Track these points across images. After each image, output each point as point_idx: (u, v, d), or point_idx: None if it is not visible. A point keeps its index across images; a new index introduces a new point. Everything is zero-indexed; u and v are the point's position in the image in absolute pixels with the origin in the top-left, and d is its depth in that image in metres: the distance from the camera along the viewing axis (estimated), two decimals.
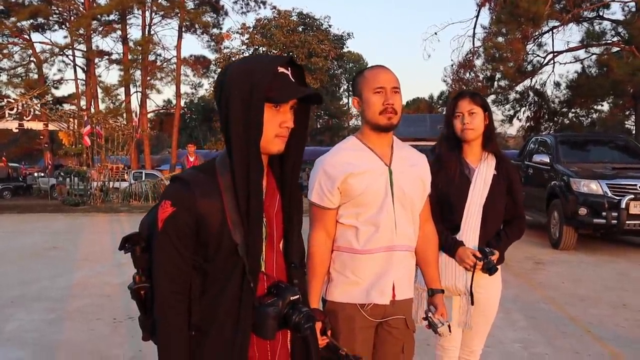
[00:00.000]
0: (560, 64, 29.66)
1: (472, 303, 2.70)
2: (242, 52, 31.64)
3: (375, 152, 2.26)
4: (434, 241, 2.48)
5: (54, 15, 33.49)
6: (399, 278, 2.26)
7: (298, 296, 1.61)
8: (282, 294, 1.59)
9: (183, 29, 33.53)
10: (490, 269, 2.65)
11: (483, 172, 2.71)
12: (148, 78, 33.80)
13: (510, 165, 2.83)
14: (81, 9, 32.33)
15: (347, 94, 51.27)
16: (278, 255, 1.68)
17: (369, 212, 2.21)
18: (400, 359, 2.32)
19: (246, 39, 31.86)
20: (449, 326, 2.38)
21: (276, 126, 1.57)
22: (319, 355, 1.82)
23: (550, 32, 21.92)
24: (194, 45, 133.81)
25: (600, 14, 21.53)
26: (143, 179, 22.32)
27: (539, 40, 22.61)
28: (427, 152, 2.58)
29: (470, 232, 2.69)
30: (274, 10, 32.62)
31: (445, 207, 2.69)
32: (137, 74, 33.83)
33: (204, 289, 1.59)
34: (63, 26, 34.18)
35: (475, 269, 2.65)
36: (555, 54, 22.80)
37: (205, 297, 1.59)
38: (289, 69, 1.59)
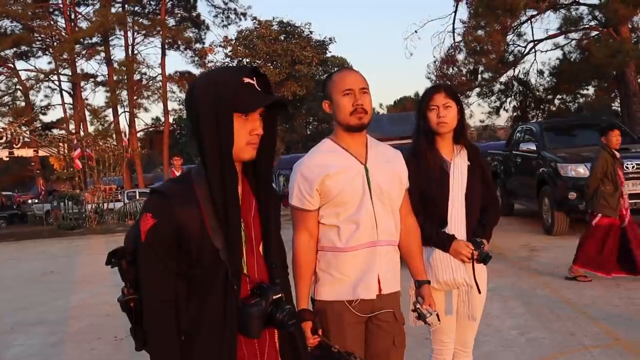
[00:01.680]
0: (542, 52, 29.85)
1: (480, 292, 2.76)
2: (227, 65, 31.70)
3: (350, 152, 2.32)
4: (416, 234, 2.54)
5: (37, 42, 33.44)
6: (383, 272, 2.32)
7: (280, 295, 1.67)
8: (264, 293, 1.65)
9: (166, 46, 33.61)
10: (484, 258, 2.70)
11: (459, 165, 2.76)
12: (135, 97, 33.82)
13: (480, 153, 2.89)
14: (63, 33, 32.34)
15: None
16: (258, 257, 1.75)
17: (349, 210, 2.27)
18: (392, 351, 2.38)
19: (229, 51, 31.93)
20: (437, 315, 2.44)
21: (246, 134, 1.64)
22: (307, 351, 1.88)
23: (529, 21, 22.01)
24: (178, 61, 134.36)
25: None
26: (137, 197, 22.31)
27: (518, 30, 22.68)
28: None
29: (457, 224, 2.73)
30: (254, 21, 32.69)
31: (428, 202, 2.73)
32: (124, 94, 33.81)
33: (190, 294, 1.65)
34: (47, 52, 34.15)
35: (473, 260, 2.69)
36: (535, 42, 22.89)
37: (191, 302, 1.65)
38: (254, 78, 1.66)
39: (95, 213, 19.65)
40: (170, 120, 36.84)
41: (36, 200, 29.74)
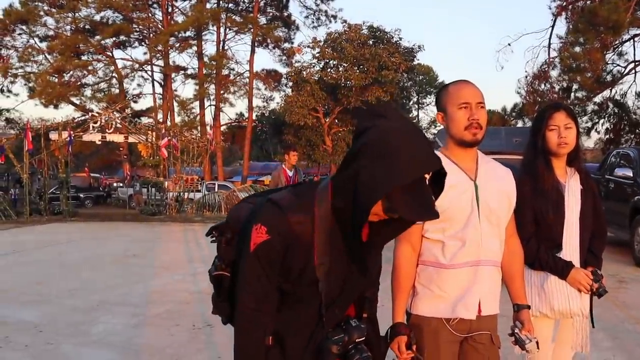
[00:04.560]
0: None
1: (593, 325, 2.67)
2: (313, 66, 32.01)
3: (461, 167, 2.25)
4: (520, 256, 2.44)
5: (135, 33, 34.99)
6: (485, 293, 2.23)
7: (363, 338, 1.68)
8: (350, 331, 1.66)
9: (255, 44, 34.40)
10: (601, 292, 2.59)
11: (573, 188, 2.64)
12: (222, 92, 34.77)
13: (591, 177, 2.76)
14: (160, 26, 33.67)
15: (417, 107, 51.00)
16: None
17: (455, 227, 2.20)
18: None
19: (317, 52, 32.19)
20: (537, 343, 2.33)
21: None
22: None
23: (632, 40, 21.07)
24: (266, 59, 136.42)
25: None
26: (216, 190, 22.91)
27: (619, 49, 21.77)
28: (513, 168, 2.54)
29: (572, 250, 2.62)
30: (344, 24, 32.88)
31: (542, 225, 2.62)
32: (211, 88, 34.85)
33: (281, 306, 1.67)
34: (143, 43, 35.67)
35: (591, 292, 2.60)
36: (636, 63, 21.85)
37: (281, 314, 1.67)
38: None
39: (175, 201, 20.29)
40: (254, 116, 37.58)
41: (121, 184, 31.07)
